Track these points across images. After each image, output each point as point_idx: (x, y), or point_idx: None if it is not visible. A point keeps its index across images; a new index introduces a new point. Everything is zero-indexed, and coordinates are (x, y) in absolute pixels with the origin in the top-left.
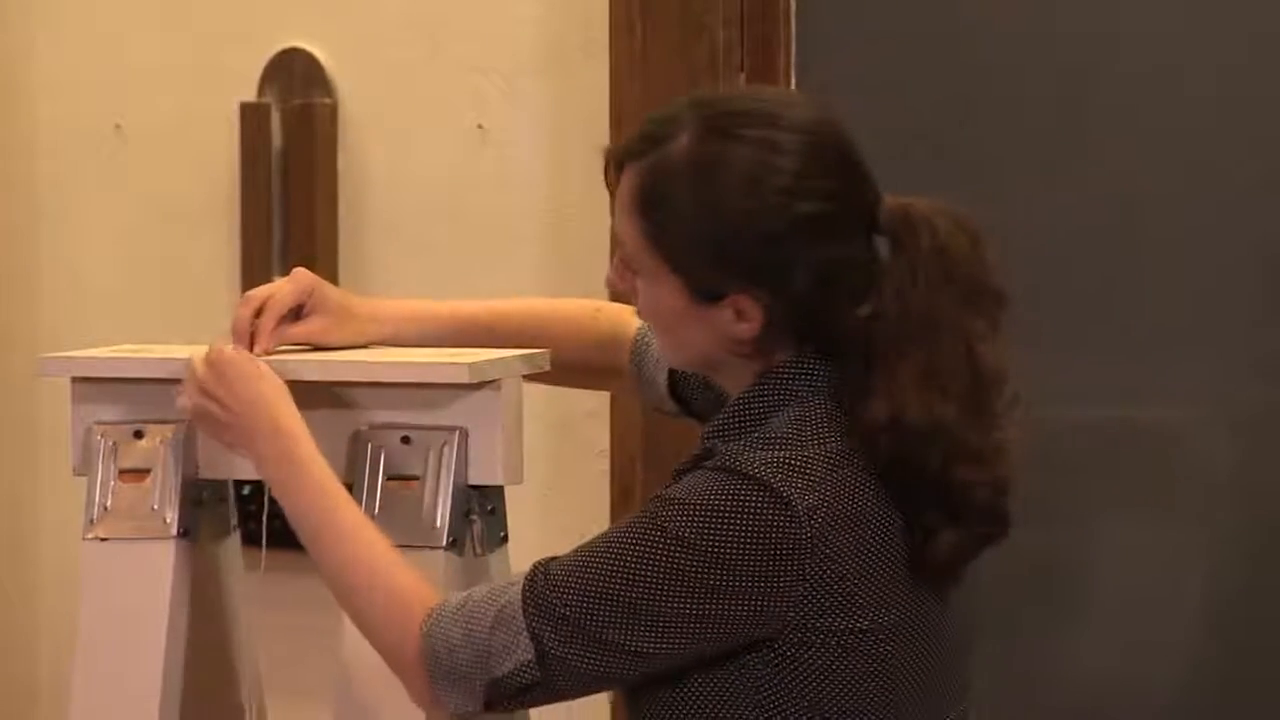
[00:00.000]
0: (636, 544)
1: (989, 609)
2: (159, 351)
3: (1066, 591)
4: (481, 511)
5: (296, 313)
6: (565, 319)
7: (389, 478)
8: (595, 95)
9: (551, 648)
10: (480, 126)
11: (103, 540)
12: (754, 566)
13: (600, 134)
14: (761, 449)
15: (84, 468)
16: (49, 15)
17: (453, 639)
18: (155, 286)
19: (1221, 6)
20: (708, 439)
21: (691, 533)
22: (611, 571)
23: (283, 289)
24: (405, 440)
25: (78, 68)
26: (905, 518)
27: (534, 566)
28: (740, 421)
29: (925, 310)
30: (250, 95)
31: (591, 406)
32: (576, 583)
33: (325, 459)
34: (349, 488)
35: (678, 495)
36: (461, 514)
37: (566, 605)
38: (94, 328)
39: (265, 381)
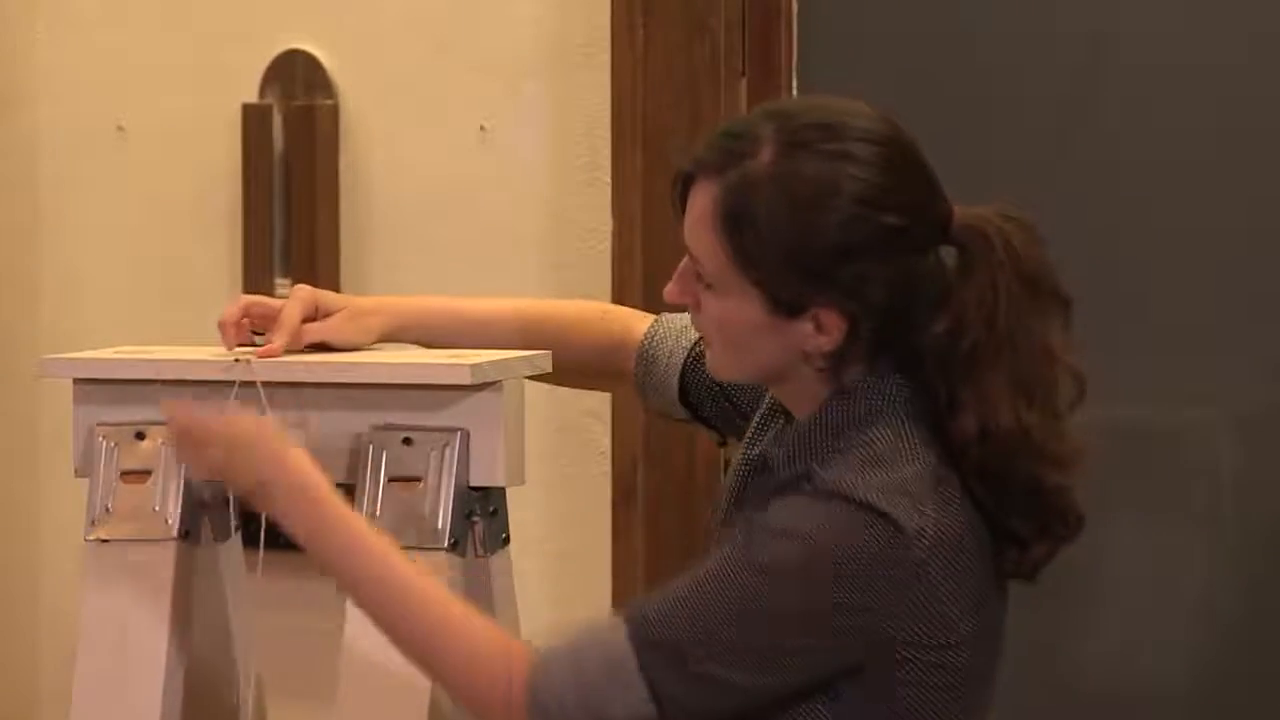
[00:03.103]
0: (747, 580)
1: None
2: (161, 353)
3: (1070, 591)
4: (483, 513)
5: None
6: (570, 321)
7: (390, 479)
8: (597, 96)
9: (668, 690)
10: (482, 128)
11: (104, 541)
12: (866, 593)
13: (602, 134)
14: (865, 470)
15: (85, 469)
16: (50, 15)
17: (563, 692)
18: (156, 287)
19: (1221, 6)
20: (797, 460)
21: (804, 566)
22: (725, 610)
23: (289, 305)
24: (407, 441)
25: (79, 68)
26: (992, 528)
27: (631, 608)
28: (832, 441)
29: (1008, 320)
30: (252, 96)
31: (592, 406)
32: (689, 623)
33: (327, 458)
34: (350, 490)
35: (784, 524)
36: (463, 515)
37: (681, 646)
38: (94, 329)
39: (277, 458)
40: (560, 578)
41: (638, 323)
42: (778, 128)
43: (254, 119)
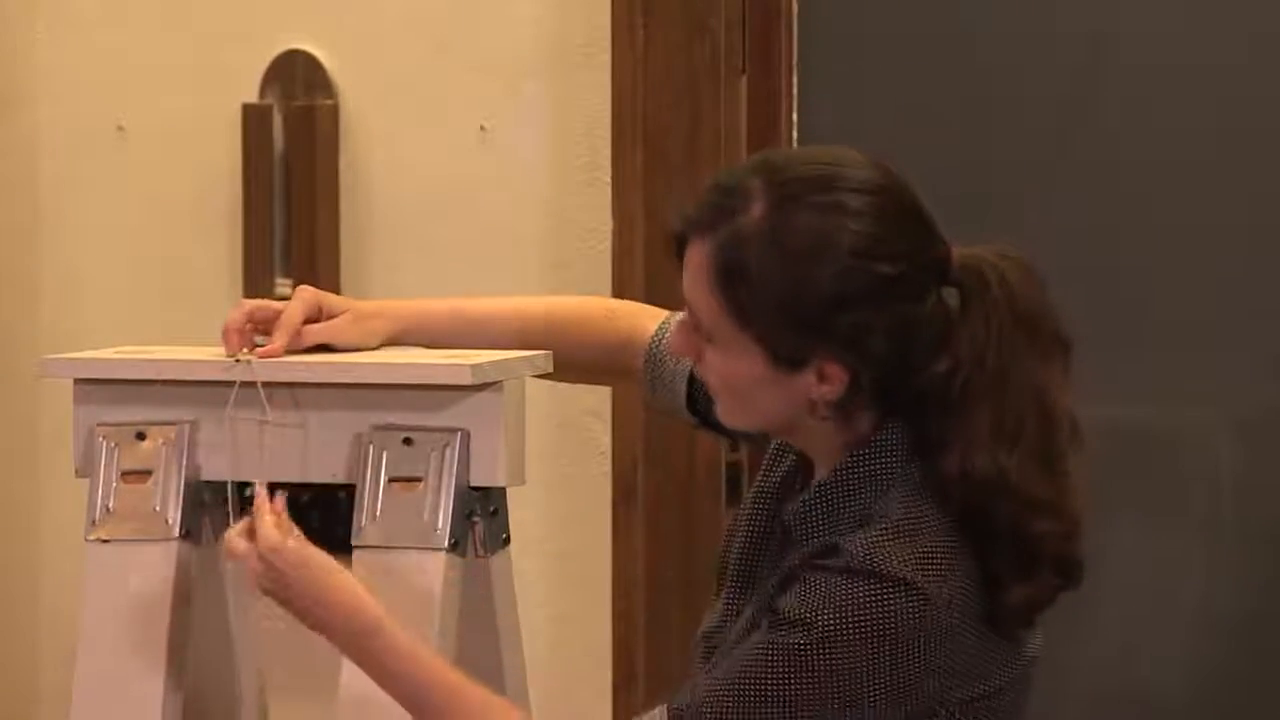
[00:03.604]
0: (784, 662)
1: None
2: (162, 353)
3: (1068, 593)
4: (483, 513)
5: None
6: (576, 320)
7: (391, 479)
8: (597, 96)
9: None
10: (482, 128)
11: (105, 542)
12: (903, 666)
13: (602, 134)
14: (890, 542)
15: (86, 469)
16: (51, 15)
17: None
18: (156, 288)
19: (1221, 6)
20: (803, 527)
21: (841, 646)
22: (765, 695)
23: (291, 306)
24: (407, 442)
25: (79, 68)
26: (982, 570)
27: (675, 700)
28: (851, 509)
29: (998, 361)
30: (252, 96)
31: (592, 406)
32: (729, 710)
33: (327, 459)
34: (350, 490)
35: (816, 604)
36: (463, 515)
37: None
38: (95, 329)
39: (318, 580)
40: (560, 578)
41: (646, 320)
42: (767, 181)
43: (254, 119)
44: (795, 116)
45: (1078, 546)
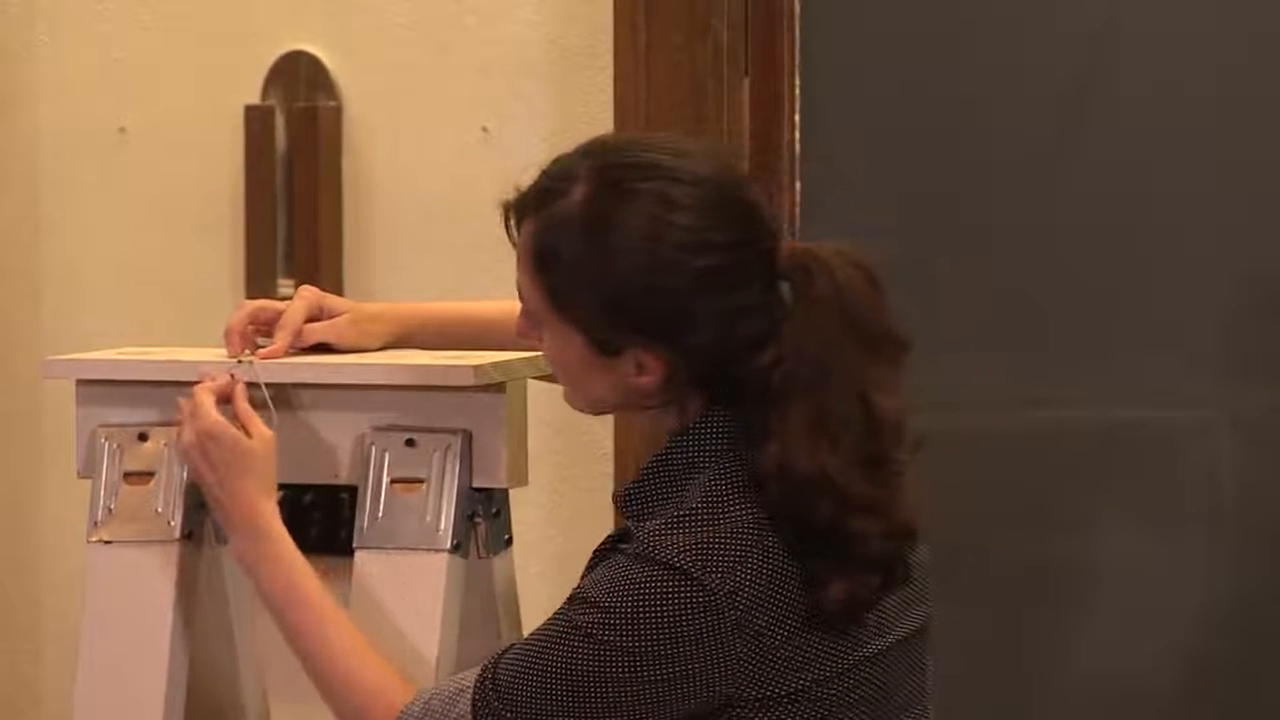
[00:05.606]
0: (569, 644)
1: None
2: (164, 354)
3: (1065, 594)
4: (486, 514)
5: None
6: None
7: (393, 480)
8: (599, 97)
9: None
10: (484, 129)
11: (107, 543)
12: (685, 657)
13: None
14: (678, 530)
15: (88, 470)
16: (52, 16)
17: None
18: (158, 289)
19: (1221, 6)
20: (625, 511)
21: (620, 638)
22: (552, 681)
23: (293, 305)
24: (410, 443)
25: (81, 69)
26: (800, 566)
27: (483, 671)
28: (654, 492)
29: (820, 356)
30: (254, 98)
31: None
32: (522, 694)
33: (329, 460)
34: (352, 491)
35: (600, 597)
36: (465, 517)
37: (509, 699)
38: (97, 330)
39: (248, 472)
40: (562, 578)
41: None
42: (591, 166)
43: (256, 120)
44: (798, 118)
45: (902, 547)
